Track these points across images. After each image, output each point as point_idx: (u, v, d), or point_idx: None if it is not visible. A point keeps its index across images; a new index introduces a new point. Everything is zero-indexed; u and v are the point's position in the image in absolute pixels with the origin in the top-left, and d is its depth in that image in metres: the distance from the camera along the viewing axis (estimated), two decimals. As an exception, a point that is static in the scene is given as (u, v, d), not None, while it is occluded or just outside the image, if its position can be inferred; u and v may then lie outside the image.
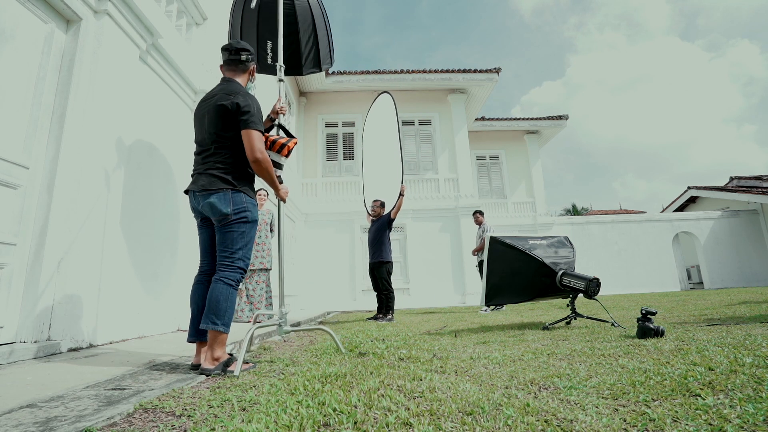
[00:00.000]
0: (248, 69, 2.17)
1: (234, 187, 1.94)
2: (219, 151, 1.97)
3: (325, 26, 3.43)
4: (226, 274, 1.91)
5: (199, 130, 2.07)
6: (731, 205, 14.08)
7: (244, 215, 1.95)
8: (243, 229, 1.96)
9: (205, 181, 1.95)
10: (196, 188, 1.97)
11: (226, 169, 1.95)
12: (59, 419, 1.12)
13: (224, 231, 1.94)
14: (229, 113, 1.93)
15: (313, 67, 3.51)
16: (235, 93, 1.98)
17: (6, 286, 2.25)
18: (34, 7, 2.49)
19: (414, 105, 11.23)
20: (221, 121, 1.95)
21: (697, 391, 1.17)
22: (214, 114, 1.96)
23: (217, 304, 1.85)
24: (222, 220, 1.93)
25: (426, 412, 1.12)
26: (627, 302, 6.17)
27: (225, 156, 1.96)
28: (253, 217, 2.00)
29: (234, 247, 1.94)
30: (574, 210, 28.01)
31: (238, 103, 1.93)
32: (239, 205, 1.94)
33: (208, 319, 1.84)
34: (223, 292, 1.87)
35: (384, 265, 5.28)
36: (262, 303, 5.05)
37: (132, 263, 3.21)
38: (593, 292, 2.94)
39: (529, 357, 1.91)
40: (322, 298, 9.66)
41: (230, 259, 1.94)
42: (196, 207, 2.03)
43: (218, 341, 1.84)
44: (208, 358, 1.82)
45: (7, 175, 2.27)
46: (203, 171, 1.98)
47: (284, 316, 2.29)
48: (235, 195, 1.94)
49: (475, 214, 6.90)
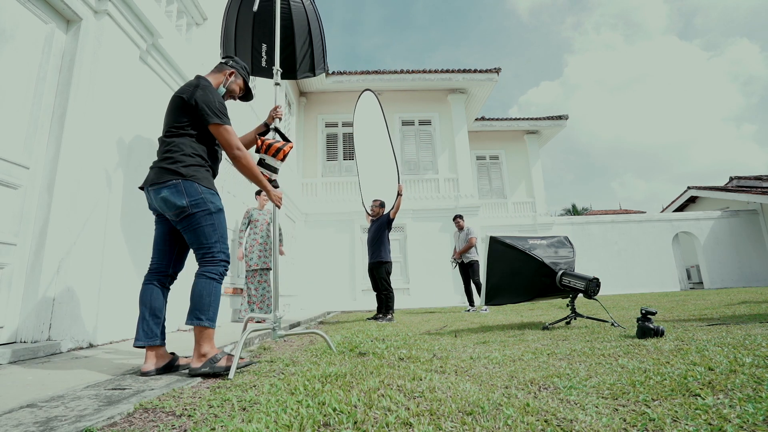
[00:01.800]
0: (222, 70, 2.15)
1: (183, 177, 1.82)
2: (168, 140, 1.89)
3: (320, 31, 3.43)
4: (208, 268, 1.84)
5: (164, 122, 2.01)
6: (731, 205, 14.08)
7: (205, 207, 1.84)
8: (211, 221, 1.86)
9: (152, 175, 1.86)
10: (146, 183, 1.88)
11: (172, 159, 1.84)
12: (59, 419, 1.12)
13: (193, 228, 1.84)
14: (186, 105, 1.88)
15: (308, 71, 3.50)
16: (196, 86, 1.91)
17: (6, 286, 2.25)
18: (35, 7, 2.49)
19: (414, 105, 11.23)
20: (176, 112, 1.89)
21: (697, 391, 1.17)
22: (172, 105, 1.92)
23: (200, 299, 1.79)
24: (180, 213, 1.82)
25: (426, 412, 1.12)
26: (627, 302, 6.17)
27: (173, 146, 1.87)
28: (216, 207, 1.89)
29: (209, 241, 1.85)
30: (574, 210, 28.01)
31: (196, 97, 1.87)
32: (195, 196, 1.82)
33: (192, 316, 1.78)
34: (206, 287, 1.81)
35: (383, 265, 5.27)
36: (264, 303, 5.05)
37: (132, 263, 3.21)
38: (593, 292, 2.94)
39: (529, 357, 1.91)
40: (322, 298, 9.65)
41: (210, 254, 1.85)
42: (151, 204, 1.93)
43: (204, 337, 1.78)
44: (195, 355, 1.76)
45: (7, 175, 2.27)
46: (153, 165, 1.90)
47: (278, 320, 2.26)
48: (188, 185, 1.82)
49: (457, 219, 6.80)
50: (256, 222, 5.26)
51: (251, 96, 2.34)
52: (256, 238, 5.21)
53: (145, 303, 1.87)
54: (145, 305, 1.87)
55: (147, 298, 1.88)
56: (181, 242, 1.99)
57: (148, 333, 1.84)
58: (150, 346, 1.83)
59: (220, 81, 2.13)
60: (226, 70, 2.16)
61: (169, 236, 1.97)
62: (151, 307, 1.87)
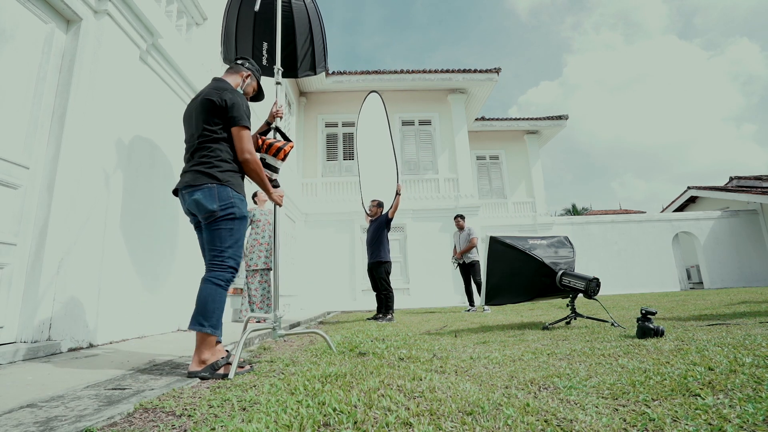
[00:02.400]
0: (239, 71, 2.17)
1: (219, 182, 1.87)
2: (204, 146, 1.92)
3: (321, 30, 3.43)
4: (216, 274, 1.86)
5: (187, 128, 2.04)
6: (731, 205, 14.08)
7: (231, 211, 1.88)
8: (231, 226, 1.89)
9: (188, 178, 1.90)
10: (181, 185, 1.92)
11: (210, 164, 1.88)
12: (59, 419, 1.12)
13: (212, 229, 1.88)
14: (217, 108, 1.91)
15: (308, 70, 3.50)
16: (224, 89, 1.96)
17: (6, 286, 2.25)
18: (34, 7, 2.49)
19: (414, 105, 11.23)
20: (208, 116, 1.91)
21: (697, 391, 1.17)
22: (201, 108, 1.93)
23: (205, 305, 1.80)
24: (209, 217, 1.86)
25: (426, 412, 1.12)
26: (627, 302, 6.17)
27: (210, 151, 1.90)
28: (241, 213, 1.93)
29: (223, 246, 1.88)
30: (574, 210, 28.01)
31: (226, 99, 1.91)
32: (225, 201, 1.87)
33: (195, 321, 1.79)
34: (211, 293, 1.82)
35: (382, 265, 5.27)
36: (264, 303, 5.05)
37: (132, 263, 3.21)
38: (593, 292, 2.94)
39: (529, 357, 1.91)
40: (322, 298, 9.65)
41: (220, 258, 1.87)
42: (184, 206, 1.97)
43: (206, 343, 1.78)
44: (194, 360, 1.76)
45: (7, 175, 2.27)
46: (188, 168, 1.93)
47: (279, 320, 2.26)
48: (221, 189, 1.87)
49: (458, 219, 6.77)
50: (258, 222, 5.24)
51: (263, 96, 2.36)
52: (257, 239, 5.20)
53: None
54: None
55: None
56: None
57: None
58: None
59: (238, 83, 2.16)
60: (243, 72, 2.18)
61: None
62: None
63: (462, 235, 6.71)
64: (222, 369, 1.79)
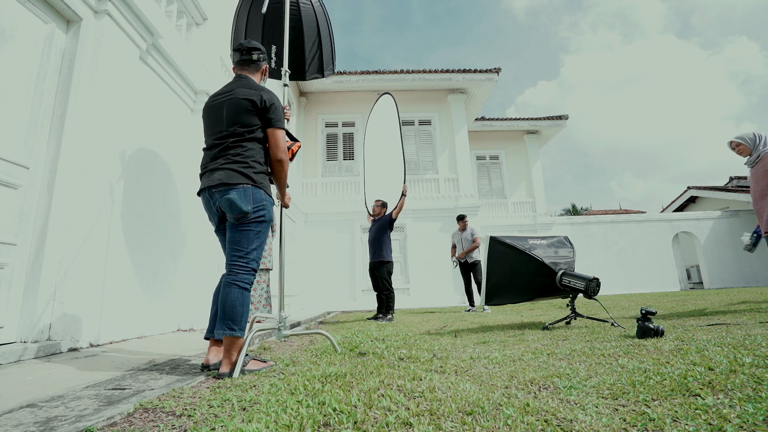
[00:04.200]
0: (260, 68, 2.14)
1: (254, 183, 1.86)
2: (238, 144, 1.88)
3: (329, 32, 3.44)
4: (241, 276, 1.85)
5: (214, 123, 1.95)
6: (731, 205, 14.09)
7: (262, 214, 1.89)
8: (259, 228, 1.90)
9: (222, 176, 1.84)
10: (212, 183, 1.85)
11: (246, 164, 1.86)
12: (59, 419, 1.12)
13: (240, 229, 1.87)
14: (257, 108, 1.89)
15: (316, 73, 3.51)
16: (260, 89, 1.95)
17: (6, 286, 2.25)
18: (34, 7, 2.49)
19: (414, 105, 11.24)
20: (246, 115, 1.89)
21: (697, 391, 1.17)
22: (238, 107, 1.90)
23: (233, 310, 1.80)
24: (241, 218, 1.85)
25: (426, 412, 1.12)
26: (627, 302, 6.17)
27: (244, 150, 1.88)
28: (269, 216, 1.94)
29: (249, 247, 1.88)
30: (574, 210, 28.01)
31: (266, 99, 1.90)
32: (259, 203, 1.87)
33: (224, 325, 1.78)
34: (238, 297, 1.82)
35: (384, 265, 5.28)
36: (261, 303, 5.05)
37: (132, 263, 3.21)
38: (593, 292, 2.94)
39: (529, 357, 1.91)
40: (322, 298, 9.65)
41: (245, 260, 1.86)
42: (211, 206, 1.93)
43: (236, 346, 1.80)
44: (225, 363, 1.78)
45: (8, 175, 2.27)
46: (219, 166, 1.87)
47: (284, 320, 2.28)
48: (256, 192, 1.86)
49: (464, 220, 6.72)
50: None
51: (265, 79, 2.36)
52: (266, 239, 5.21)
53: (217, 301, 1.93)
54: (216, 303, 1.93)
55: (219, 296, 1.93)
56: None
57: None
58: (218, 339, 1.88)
59: (260, 80, 2.16)
60: (262, 66, 2.16)
61: None
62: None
63: (464, 235, 6.68)
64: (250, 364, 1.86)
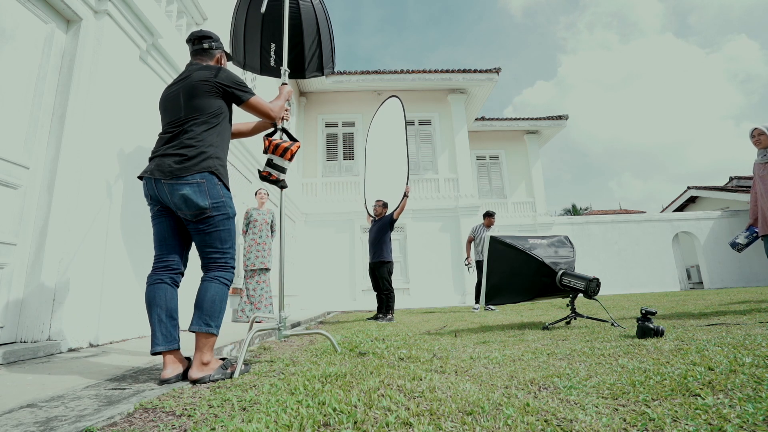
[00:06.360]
0: (214, 56, 2.02)
1: (210, 172, 1.73)
2: (194, 128, 1.75)
3: (329, 30, 3.43)
4: (221, 274, 1.78)
5: (171, 111, 1.83)
6: (731, 205, 14.08)
7: (225, 210, 1.78)
8: (228, 226, 1.80)
9: (170, 166, 1.69)
10: (162, 175, 1.70)
11: (199, 146, 1.73)
12: (59, 419, 1.12)
13: (209, 231, 1.76)
14: (212, 90, 1.80)
15: (316, 71, 3.50)
16: (216, 68, 1.86)
17: (6, 286, 2.25)
18: (34, 7, 2.49)
19: (414, 105, 11.23)
20: (205, 97, 1.79)
21: (697, 391, 1.17)
22: (196, 90, 1.78)
23: (213, 305, 1.72)
24: (199, 214, 1.72)
25: (426, 412, 1.12)
26: (627, 302, 6.17)
27: (196, 135, 1.75)
28: (233, 211, 1.83)
29: (224, 246, 1.80)
30: (574, 210, 28.02)
31: (224, 77, 1.83)
32: (217, 198, 1.75)
33: (201, 321, 1.69)
34: (219, 293, 1.75)
35: (385, 265, 5.29)
36: (262, 303, 5.06)
37: (132, 263, 3.21)
38: (593, 292, 2.94)
39: (529, 357, 1.91)
40: (322, 298, 9.66)
41: (223, 259, 1.80)
42: (156, 196, 1.76)
43: (209, 344, 1.70)
44: (196, 363, 1.67)
45: (7, 175, 2.27)
46: (166, 153, 1.72)
47: (284, 320, 2.28)
48: (211, 184, 1.73)
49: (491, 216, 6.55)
50: (255, 222, 5.27)
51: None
52: (255, 239, 5.22)
53: (160, 304, 1.72)
54: (160, 306, 1.72)
55: (161, 298, 1.73)
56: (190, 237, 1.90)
57: (168, 337, 1.70)
58: (170, 350, 1.70)
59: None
60: (216, 55, 2.04)
61: (179, 229, 1.84)
62: (167, 308, 1.73)
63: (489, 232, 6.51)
64: (230, 368, 1.76)
